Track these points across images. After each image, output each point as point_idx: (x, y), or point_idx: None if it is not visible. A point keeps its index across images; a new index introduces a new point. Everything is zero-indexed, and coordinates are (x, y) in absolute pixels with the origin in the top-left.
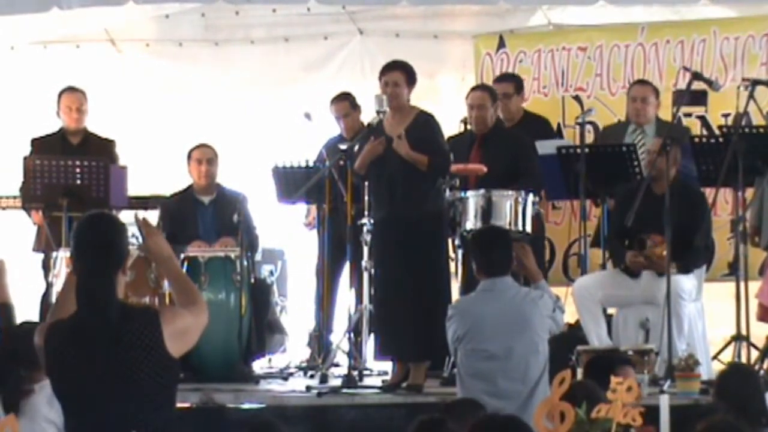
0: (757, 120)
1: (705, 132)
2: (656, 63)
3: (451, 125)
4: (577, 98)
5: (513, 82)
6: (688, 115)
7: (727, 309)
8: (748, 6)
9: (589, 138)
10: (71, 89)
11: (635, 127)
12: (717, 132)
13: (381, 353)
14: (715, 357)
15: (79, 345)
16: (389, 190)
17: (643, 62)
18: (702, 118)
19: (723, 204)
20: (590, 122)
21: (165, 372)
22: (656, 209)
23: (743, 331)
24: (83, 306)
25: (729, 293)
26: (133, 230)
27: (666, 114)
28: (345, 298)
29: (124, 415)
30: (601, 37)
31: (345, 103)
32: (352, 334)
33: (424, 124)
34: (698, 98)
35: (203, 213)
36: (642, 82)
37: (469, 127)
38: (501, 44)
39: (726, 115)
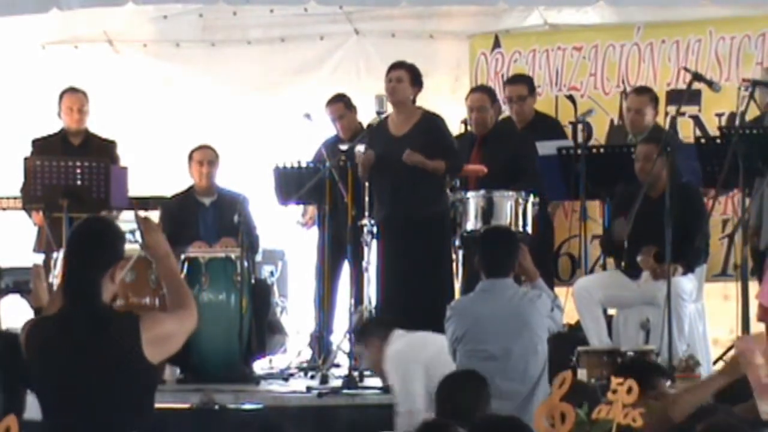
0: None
1: (698, 132)
2: (651, 62)
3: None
4: (570, 98)
5: (526, 83)
6: (682, 114)
7: (718, 309)
8: (744, 6)
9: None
10: (72, 90)
11: (632, 138)
12: (711, 132)
13: None
14: (719, 359)
15: (57, 345)
16: (393, 191)
17: (638, 62)
18: (695, 118)
19: (716, 204)
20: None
21: (142, 377)
22: (654, 212)
23: (743, 332)
24: (66, 303)
25: (720, 293)
26: (132, 227)
27: (660, 114)
28: (345, 299)
29: (101, 417)
30: (596, 37)
31: (340, 104)
32: (352, 335)
33: (432, 126)
34: (691, 98)
35: (204, 214)
36: (639, 91)
37: (469, 128)
38: (496, 44)
39: (720, 115)
